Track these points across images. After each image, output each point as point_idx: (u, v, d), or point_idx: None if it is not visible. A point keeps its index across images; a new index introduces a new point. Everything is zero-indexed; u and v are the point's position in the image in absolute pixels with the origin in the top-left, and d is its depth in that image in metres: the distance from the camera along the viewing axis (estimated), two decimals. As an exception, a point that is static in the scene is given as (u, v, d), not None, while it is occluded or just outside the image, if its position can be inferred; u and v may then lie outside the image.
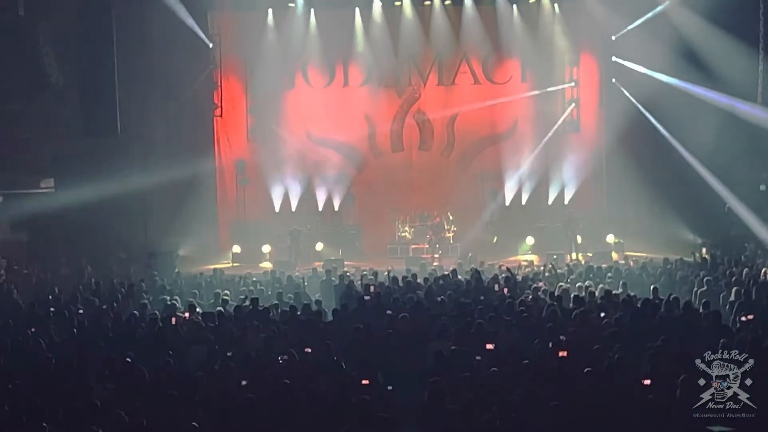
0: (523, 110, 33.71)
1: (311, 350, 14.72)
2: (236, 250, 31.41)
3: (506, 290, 20.28)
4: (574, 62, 33.59)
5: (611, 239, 31.08)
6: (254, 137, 33.73)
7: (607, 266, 24.57)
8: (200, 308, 19.05)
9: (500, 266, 24.66)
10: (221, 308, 18.62)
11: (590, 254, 29.33)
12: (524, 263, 27.82)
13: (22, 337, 16.31)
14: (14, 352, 15.42)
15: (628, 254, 29.01)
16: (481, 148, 33.96)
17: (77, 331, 16.87)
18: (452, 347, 14.44)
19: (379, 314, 17.13)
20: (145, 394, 12.80)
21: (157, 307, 19.55)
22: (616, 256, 29.49)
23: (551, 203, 33.41)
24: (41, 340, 15.98)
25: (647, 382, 12.55)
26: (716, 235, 28.77)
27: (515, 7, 32.80)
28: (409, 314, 16.90)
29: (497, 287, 20.83)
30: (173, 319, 17.68)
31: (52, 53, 28.62)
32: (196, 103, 31.92)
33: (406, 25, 32.97)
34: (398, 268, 25.83)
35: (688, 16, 29.08)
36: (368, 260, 29.07)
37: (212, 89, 32.75)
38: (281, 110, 33.53)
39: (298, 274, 25.83)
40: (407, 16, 32.94)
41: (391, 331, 16.06)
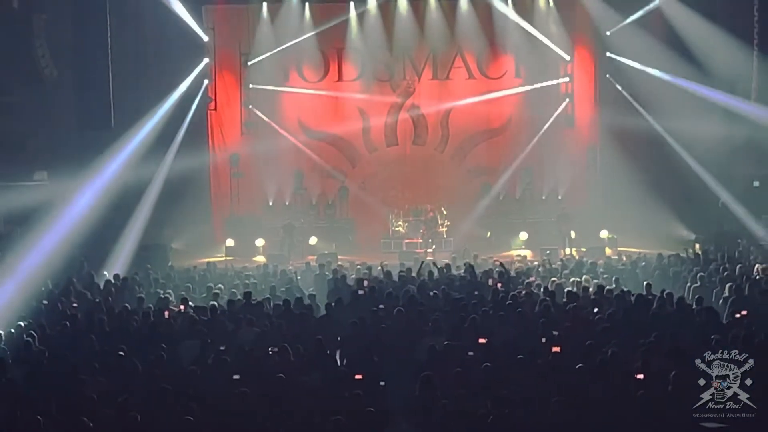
0: (517, 105, 33.68)
1: (304, 344, 14.70)
2: (230, 243, 31.39)
3: (500, 285, 20.27)
4: (568, 58, 33.57)
5: (605, 234, 31.07)
6: (248, 131, 33.69)
7: (600, 262, 24.63)
8: (193, 302, 19.03)
9: (494, 261, 24.63)
10: (214, 302, 18.59)
11: (584, 249, 29.28)
12: (517, 258, 27.87)
13: (14, 330, 16.31)
14: (7, 345, 15.42)
15: (621, 250, 29.09)
16: (475, 142, 33.95)
17: (70, 324, 16.83)
18: (445, 342, 14.44)
19: (372, 309, 17.12)
20: (138, 387, 12.79)
21: (150, 300, 19.52)
22: (609, 251, 29.50)
23: (545, 198, 33.45)
24: (33, 332, 15.95)
25: (640, 376, 12.57)
26: (709, 230, 28.80)
27: (510, 1, 32.72)
28: (403, 309, 16.90)
29: (491, 282, 20.83)
30: (166, 312, 17.67)
31: (46, 46, 28.54)
32: (190, 96, 31.83)
33: (400, 19, 32.88)
34: (392, 262, 25.80)
35: (682, 11, 29.15)
36: (362, 254, 29.01)
37: (207, 83, 32.72)
38: (275, 104, 33.51)
39: (291, 268, 25.85)
40: (402, 10, 32.86)
41: (384, 325, 16.06)
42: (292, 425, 11.53)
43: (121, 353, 14.25)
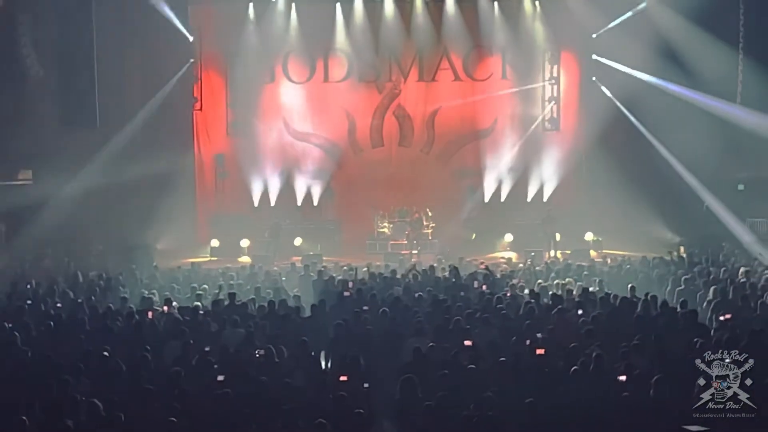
0: (503, 107, 33.78)
1: (289, 346, 14.67)
2: (215, 244, 31.36)
3: (484, 287, 20.29)
4: (554, 60, 33.66)
5: (590, 237, 31.20)
6: (234, 131, 33.64)
7: (585, 264, 24.66)
8: (177, 302, 18.97)
9: (480, 263, 24.66)
10: (198, 303, 18.56)
11: (568, 252, 29.33)
12: (502, 260, 27.88)
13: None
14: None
15: (606, 252, 29.18)
16: (461, 144, 33.99)
17: (54, 324, 16.76)
18: (430, 344, 14.44)
19: (357, 310, 17.09)
20: (122, 388, 12.75)
21: (134, 300, 19.45)
22: (594, 254, 29.57)
23: (530, 200, 33.49)
24: (16, 332, 15.86)
25: (623, 378, 12.60)
26: (694, 234, 28.88)
27: (496, 4, 32.83)
28: (387, 310, 16.90)
29: (476, 284, 20.86)
30: (150, 313, 17.59)
31: (31, 45, 28.46)
32: (175, 96, 31.75)
33: (387, 20, 32.92)
34: (377, 263, 25.83)
35: (668, 14, 29.20)
36: (347, 256, 29.01)
37: (192, 83, 32.67)
38: (261, 104, 33.47)
39: (276, 268, 25.80)
40: (388, 11, 32.90)
41: (369, 327, 16.05)
42: (275, 427, 11.51)
43: (105, 353, 14.19)
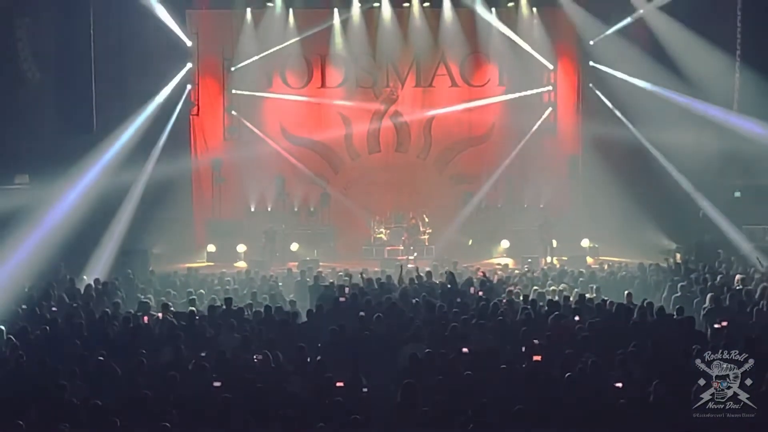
0: (500, 113, 33.77)
1: (285, 351, 14.65)
2: (211, 249, 31.37)
3: (481, 293, 20.28)
4: (551, 66, 33.65)
5: (586, 243, 31.20)
6: (231, 136, 33.64)
7: (581, 270, 24.66)
8: (174, 307, 18.95)
9: (478, 270, 24.67)
10: (194, 308, 18.53)
11: (565, 258, 29.38)
12: (499, 266, 27.88)
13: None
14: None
15: (602, 259, 29.20)
16: (457, 150, 34.01)
17: (50, 328, 16.73)
18: (427, 350, 14.42)
19: (353, 315, 17.08)
20: (118, 392, 12.72)
21: (130, 305, 19.43)
22: (590, 260, 29.62)
23: (527, 207, 33.48)
24: (13, 336, 15.83)
25: (619, 385, 12.59)
26: (690, 241, 28.89)
27: (494, 10, 32.82)
28: (383, 316, 16.88)
29: (472, 290, 20.85)
30: (145, 318, 17.58)
31: (28, 49, 28.44)
32: (172, 101, 31.75)
33: (384, 26, 32.96)
34: (373, 269, 25.83)
35: (665, 22, 29.28)
36: (343, 261, 29.04)
37: (189, 88, 32.67)
38: (258, 110, 33.53)
39: (272, 274, 25.77)
40: (386, 17, 32.93)
41: (366, 332, 16.03)
42: (272, 432, 11.51)
43: (101, 358, 14.17)
